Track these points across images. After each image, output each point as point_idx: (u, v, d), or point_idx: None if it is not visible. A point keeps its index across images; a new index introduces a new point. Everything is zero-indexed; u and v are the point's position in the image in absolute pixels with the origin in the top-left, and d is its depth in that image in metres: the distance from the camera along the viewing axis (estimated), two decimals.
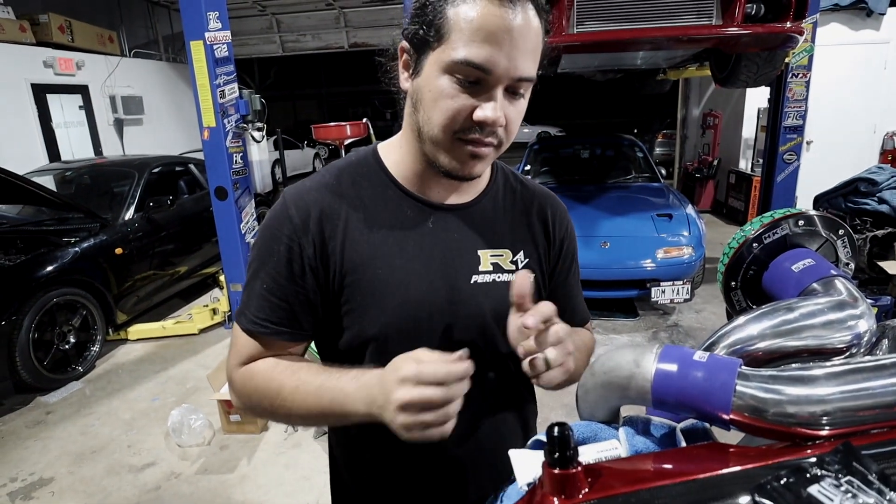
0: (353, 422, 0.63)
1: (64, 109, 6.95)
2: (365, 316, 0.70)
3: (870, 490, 0.46)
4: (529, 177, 5.53)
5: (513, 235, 0.78)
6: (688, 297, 3.68)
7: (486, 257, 0.75)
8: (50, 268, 3.31)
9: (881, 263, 4.19)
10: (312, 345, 0.80)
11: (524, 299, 0.61)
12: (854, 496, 0.45)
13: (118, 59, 7.82)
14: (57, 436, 2.86)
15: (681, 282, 3.64)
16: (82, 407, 3.13)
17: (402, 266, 0.70)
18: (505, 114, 0.63)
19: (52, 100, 6.75)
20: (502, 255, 0.76)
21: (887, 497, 0.46)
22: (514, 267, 0.76)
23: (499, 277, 0.74)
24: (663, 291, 3.63)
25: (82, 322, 3.52)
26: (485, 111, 0.62)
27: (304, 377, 0.67)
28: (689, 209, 4.13)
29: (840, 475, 0.48)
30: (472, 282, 0.73)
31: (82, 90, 7.23)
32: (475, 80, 0.61)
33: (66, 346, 3.41)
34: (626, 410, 0.70)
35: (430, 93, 0.64)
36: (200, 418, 2.70)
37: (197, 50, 3.20)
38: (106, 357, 3.76)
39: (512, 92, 0.64)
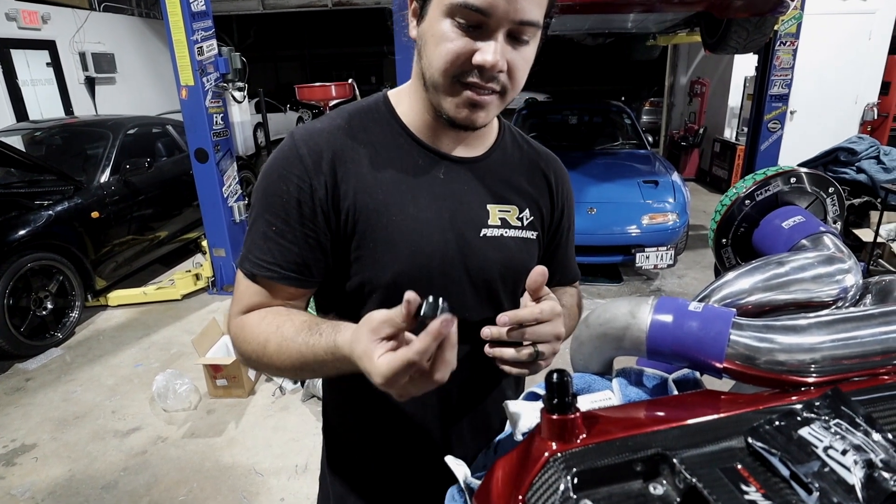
0: (330, 367, 0.62)
1: (30, 66, 6.61)
2: (377, 262, 0.69)
3: (857, 432, 0.48)
4: None
5: (519, 193, 0.78)
6: (671, 262, 3.74)
7: (495, 212, 0.75)
8: (22, 232, 3.20)
9: (856, 231, 4.31)
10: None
11: (538, 291, 0.63)
12: (842, 437, 0.46)
13: (87, 13, 7.41)
14: (38, 402, 2.83)
15: (665, 248, 3.69)
16: (63, 373, 3.10)
17: (415, 214, 0.70)
18: (508, 60, 0.62)
19: (17, 56, 6.41)
20: (510, 211, 0.76)
21: (873, 437, 0.47)
22: (520, 223, 0.76)
23: (506, 232, 0.75)
24: (647, 257, 3.68)
25: (59, 288, 3.44)
26: (484, 55, 0.60)
27: (286, 334, 0.65)
28: (675, 176, 4.15)
29: (829, 418, 0.49)
30: (480, 235, 0.73)
31: (49, 46, 6.87)
32: (476, 23, 0.60)
33: (44, 313, 3.34)
34: (619, 364, 0.70)
35: (433, 37, 0.63)
36: (186, 383, 2.69)
37: (172, 3, 3.04)
38: (86, 323, 3.70)
39: (515, 37, 0.62)
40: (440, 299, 0.51)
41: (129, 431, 2.56)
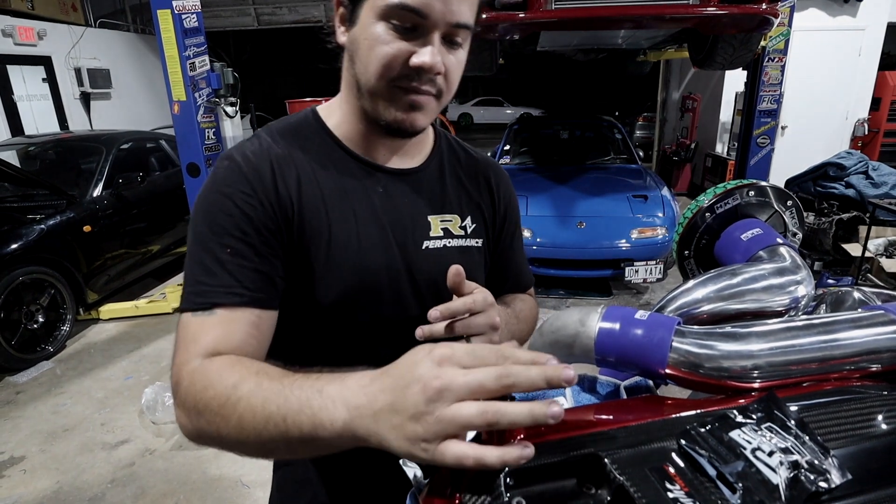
0: (325, 444, 0.46)
1: (26, 81, 6.68)
2: (322, 281, 0.67)
3: (787, 435, 0.50)
4: (509, 157, 5.40)
5: (460, 201, 0.77)
6: (660, 276, 3.76)
7: (437, 223, 0.74)
8: (14, 245, 3.22)
9: (845, 246, 4.33)
10: None
11: (460, 286, 0.59)
12: (771, 439, 0.48)
13: (83, 29, 7.50)
14: (27, 415, 2.82)
15: (654, 262, 3.71)
16: (53, 386, 3.09)
17: (358, 230, 0.68)
18: (444, 62, 0.62)
19: (13, 71, 6.47)
20: (451, 221, 0.75)
21: (802, 440, 0.49)
22: (463, 232, 0.76)
23: (449, 243, 0.74)
24: (637, 271, 3.70)
25: (51, 301, 3.44)
26: (421, 57, 0.60)
27: (269, 372, 0.52)
28: (664, 191, 4.19)
29: (761, 422, 0.51)
30: (423, 247, 0.72)
31: (45, 61, 6.94)
32: (411, 25, 0.60)
33: (35, 326, 3.34)
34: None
35: (366, 41, 0.61)
36: None
37: (164, 19, 3.10)
38: (77, 337, 3.70)
39: (450, 41, 0.62)
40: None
41: (118, 444, 2.55)
